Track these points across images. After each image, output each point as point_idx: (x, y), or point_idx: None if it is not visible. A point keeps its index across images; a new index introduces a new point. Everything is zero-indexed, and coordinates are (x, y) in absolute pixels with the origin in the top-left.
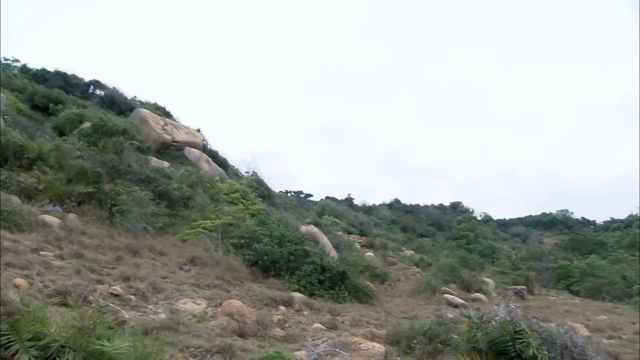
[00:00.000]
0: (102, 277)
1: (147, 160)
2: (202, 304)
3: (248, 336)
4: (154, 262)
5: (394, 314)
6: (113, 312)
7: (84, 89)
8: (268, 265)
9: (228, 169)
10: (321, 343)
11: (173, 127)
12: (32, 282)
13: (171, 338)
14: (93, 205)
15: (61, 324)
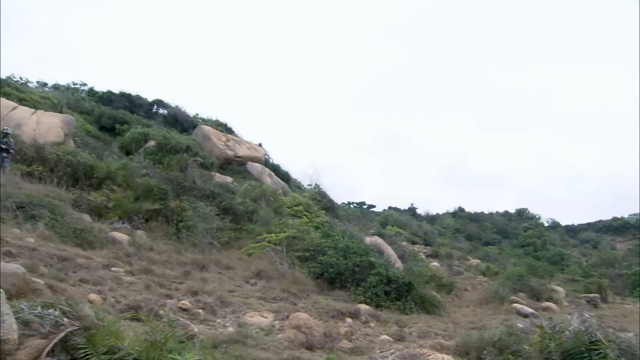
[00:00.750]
0: (170, 292)
1: (210, 176)
2: (269, 317)
3: (315, 349)
4: (221, 276)
5: (461, 324)
6: (183, 326)
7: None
8: (333, 277)
9: (290, 182)
10: (389, 355)
11: (235, 143)
12: (105, 298)
13: (240, 351)
14: (160, 222)
15: (134, 337)
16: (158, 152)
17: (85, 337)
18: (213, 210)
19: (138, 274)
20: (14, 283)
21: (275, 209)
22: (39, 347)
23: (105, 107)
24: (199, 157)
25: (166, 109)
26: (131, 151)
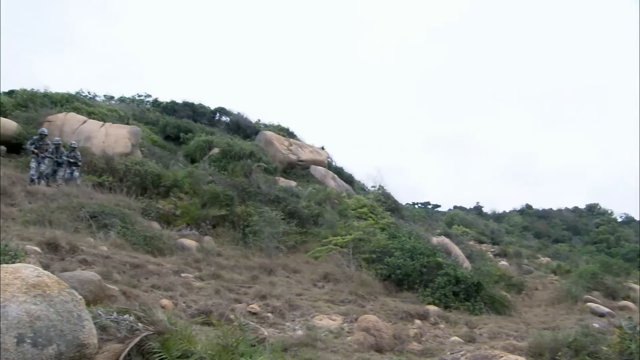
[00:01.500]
0: (239, 296)
1: (275, 180)
2: (338, 319)
3: (385, 351)
4: (288, 280)
5: (533, 324)
6: (253, 329)
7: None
8: (401, 278)
9: (354, 184)
10: (460, 356)
11: (297, 147)
12: (176, 303)
13: (309, 354)
14: (227, 227)
15: (206, 341)
16: (222, 159)
17: (160, 342)
18: (278, 215)
19: (207, 279)
20: (91, 290)
21: (340, 212)
22: (116, 351)
23: (169, 117)
24: (262, 162)
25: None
26: (196, 159)
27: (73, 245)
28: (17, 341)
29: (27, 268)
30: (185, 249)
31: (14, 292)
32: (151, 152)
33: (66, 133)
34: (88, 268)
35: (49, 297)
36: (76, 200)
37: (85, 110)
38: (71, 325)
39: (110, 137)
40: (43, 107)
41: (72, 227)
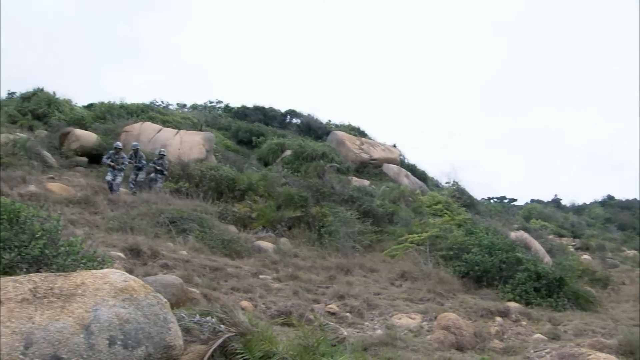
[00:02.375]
0: (317, 297)
1: (348, 180)
2: (417, 318)
3: (466, 349)
4: (366, 279)
5: (622, 321)
6: (332, 330)
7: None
8: (479, 275)
9: (427, 181)
10: (545, 354)
11: (369, 146)
12: (255, 304)
13: (390, 354)
14: (302, 228)
15: (287, 342)
16: (295, 161)
17: (242, 343)
18: (353, 214)
19: (285, 280)
20: (173, 293)
21: (414, 209)
22: (200, 353)
23: (241, 122)
24: (335, 162)
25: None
26: (269, 162)
27: (154, 250)
28: (109, 343)
29: (114, 273)
30: (262, 251)
31: (103, 296)
32: (225, 157)
33: (142, 142)
34: (169, 272)
35: (137, 301)
36: (155, 207)
37: (159, 119)
38: (158, 327)
39: (185, 144)
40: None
41: (152, 233)
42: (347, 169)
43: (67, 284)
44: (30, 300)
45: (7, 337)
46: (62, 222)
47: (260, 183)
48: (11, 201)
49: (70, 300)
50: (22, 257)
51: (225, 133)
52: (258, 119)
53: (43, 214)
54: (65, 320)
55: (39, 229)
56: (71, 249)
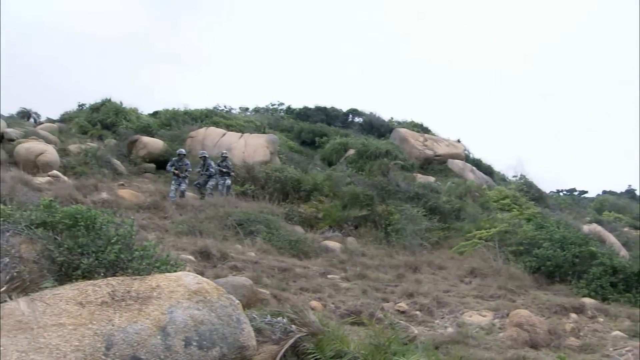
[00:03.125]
0: (386, 295)
1: (413, 177)
2: (488, 315)
3: (540, 347)
4: (434, 277)
5: None
6: (403, 328)
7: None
8: (552, 270)
9: (494, 175)
10: (626, 352)
11: (433, 142)
12: (325, 304)
13: (462, 352)
14: (369, 227)
15: (358, 342)
16: (359, 160)
17: (313, 343)
18: (420, 212)
19: (353, 280)
20: (244, 294)
21: (481, 205)
22: (272, 353)
23: (303, 123)
24: (399, 160)
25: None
26: (333, 161)
27: (223, 253)
28: (184, 344)
29: (187, 276)
30: (330, 251)
31: (178, 298)
32: (289, 158)
33: (207, 147)
34: (239, 274)
35: (210, 303)
36: (222, 210)
37: (223, 124)
38: (231, 328)
39: (250, 147)
40: (185, 124)
41: (220, 236)
42: (412, 166)
43: (143, 287)
44: (109, 303)
45: (90, 338)
46: (135, 228)
47: (325, 183)
48: (87, 208)
49: (146, 302)
50: (99, 262)
51: (288, 134)
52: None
53: (117, 220)
54: (142, 322)
55: (114, 234)
56: (145, 253)
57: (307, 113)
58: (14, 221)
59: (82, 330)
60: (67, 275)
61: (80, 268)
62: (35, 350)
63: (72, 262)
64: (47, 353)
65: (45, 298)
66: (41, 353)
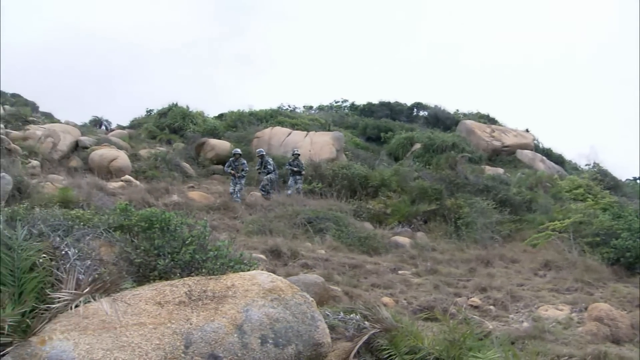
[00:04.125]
0: (458, 290)
1: (481, 169)
2: (565, 309)
3: (623, 342)
4: (507, 271)
5: None
6: (477, 323)
7: (408, 113)
8: (632, 262)
9: (565, 164)
10: None
11: (500, 132)
12: (397, 300)
13: (539, 347)
14: (438, 222)
15: (432, 337)
16: (425, 154)
17: (387, 339)
18: (490, 204)
19: (424, 275)
20: (316, 292)
21: (553, 195)
22: (346, 350)
23: (368, 119)
24: (466, 152)
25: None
26: (399, 156)
27: (294, 251)
28: (261, 342)
29: (262, 274)
30: (400, 247)
31: (253, 297)
32: (355, 154)
33: (274, 146)
34: (310, 271)
35: (284, 301)
36: (291, 209)
37: (288, 123)
38: (306, 325)
39: (315, 145)
40: (250, 125)
41: (290, 234)
42: (479, 158)
43: (219, 286)
44: (186, 303)
45: (169, 337)
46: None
47: (392, 178)
48: (161, 211)
49: (222, 301)
50: (175, 263)
51: (353, 131)
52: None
53: (190, 222)
54: (219, 320)
55: (188, 235)
56: (219, 253)
57: (372, 109)
58: (93, 225)
59: (161, 329)
60: (144, 276)
61: (157, 269)
62: (119, 349)
63: (149, 264)
64: (129, 351)
65: (126, 298)
66: (124, 351)
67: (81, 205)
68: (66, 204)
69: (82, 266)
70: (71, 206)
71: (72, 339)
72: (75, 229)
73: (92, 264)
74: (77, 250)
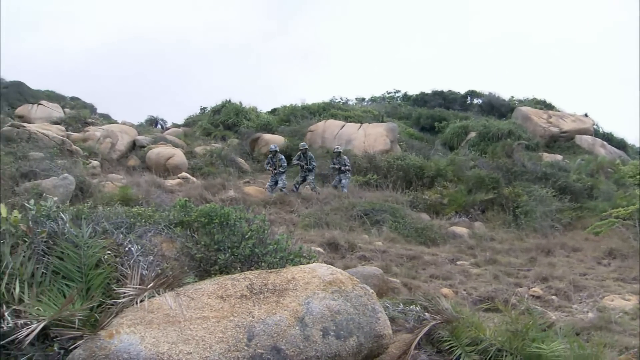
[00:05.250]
0: (519, 280)
1: (539, 157)
2: (632, 299)
3: None
4: (569, 260)
5: None
6: (540, 314)
7: (462, 102)
8: None
9: (627, 149)
10: None
11: (558, 118)
12: (456, 291)
13: (605, 338)
14: (496, 211)
15: (494, 328)
16: (480, 142)
17: (448, 330)
18: (549, 192)
19: (483, 265)
20: (375, 284)
21: (616, 181)
22: (407, 341)
23: (421, 109)
24: (522, 139)
25: (480, 98)
26: (454, 146)
27: (351, 243)
28: (322, 334)
29: (321, 267)
30: (457, 237)
31: (314, 289)
32: (409, 145)
33: (327, 139)
34: (367, 263)
35: (345, 293)
36: (347, 201)
37: (341, 115)
38: (367, 317)
39: (369, 137)
40: (303, 119)
41: (347, 227)
42: (537, 145)
43: (279, 279)
44: (248, 296)
45: (232, 330)
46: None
47: (448, 168)
48: (220, 206)
49: (283, 294)
50: (235, 257)
51: (407, 122)
52: (438, 103)
53: (249, 216)
54: (281, 313)
55: (247, 230)
56: (279, 247)
57: (425, 98)
58: (154, 222)
59: (224, 322)
60: (205, 271)
61: (218, 263)
62: (184, 342)
63: (210, 258)
64: (194, 344)
65: (189, 293)
66: (189, 344)
67: (140, 202)
68: (126, 201)
69: (145, 262)
70: (131, 204)
71: (139, 333)
72: (137, 226)
73: (154, 259)
74: (140, 247)
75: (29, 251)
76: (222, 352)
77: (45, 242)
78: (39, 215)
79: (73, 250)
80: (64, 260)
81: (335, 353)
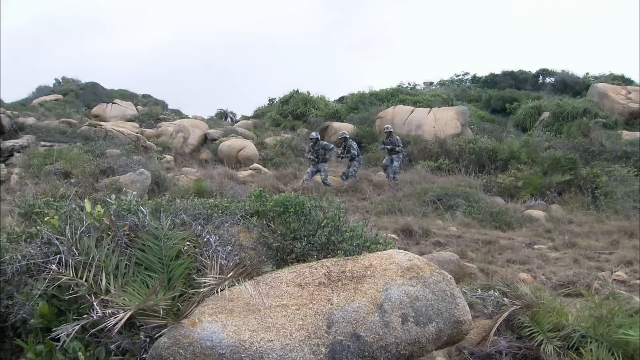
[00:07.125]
0: (600, 264)
1: (618, 135)
2: None
3: None
4: None
5: None
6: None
7: (534, 81)
8: None
9: None
10: None
11: (638, 93)
12: (534, 276)
13: None
14: (573, 193)
15: (576, 314)
16: (555, 122)
17: (528, 316)
18: (631, 171)
19: (562, 249)
20: (451, 269)
21: None
22: (486, 327)
23: (491, 90)
24: (599, 118)
25: (553, 77)
26: (527, 127)
27: (425, 229)
28: (401, 320)
29: (399, 253)
30: (534, 220)
31: (392, 276)
32: (480, 128)
33: (397, 125)
34: (442, 249)
35: (423, 279)
36: (419, 187)
37: (410, 101)
38: (446, 303)
39: (440, 121)
40: (372, 105)
41: (420, 212)
42: (615, 123)
43: (357, 266)
44: (326, 284)
45: (312, 317)
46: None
47: (522, 150)
48: (294, 195)
49: (361, 281)
50: (311, 245)
51: (477, 104)
52: (508, 84)
53: (324, 204)
54: (359, 300)
55: (322, 218)
56: (354, 234)
57: (494, 80)
58: (231, 212)
59: (304, 310)
60: (282, 260)
61: (294, 252)
62: (264, 329)
63: (286, 247)
64: (274, 332)
65: (267, 281)
66: (269, 332)
67: (215, 194)
68: (201, 194)
69: (223, 252)
70: (206, 196)
71: (220, 321)
72: (214, 217)
73: (232, 249)
74: (218, 237)
75: (112, 244)
76: (302, 339)
77: (127, 235)
78: (120, 209)
79: (154, 242)
80: (145, 252)
81: (414, 339)
